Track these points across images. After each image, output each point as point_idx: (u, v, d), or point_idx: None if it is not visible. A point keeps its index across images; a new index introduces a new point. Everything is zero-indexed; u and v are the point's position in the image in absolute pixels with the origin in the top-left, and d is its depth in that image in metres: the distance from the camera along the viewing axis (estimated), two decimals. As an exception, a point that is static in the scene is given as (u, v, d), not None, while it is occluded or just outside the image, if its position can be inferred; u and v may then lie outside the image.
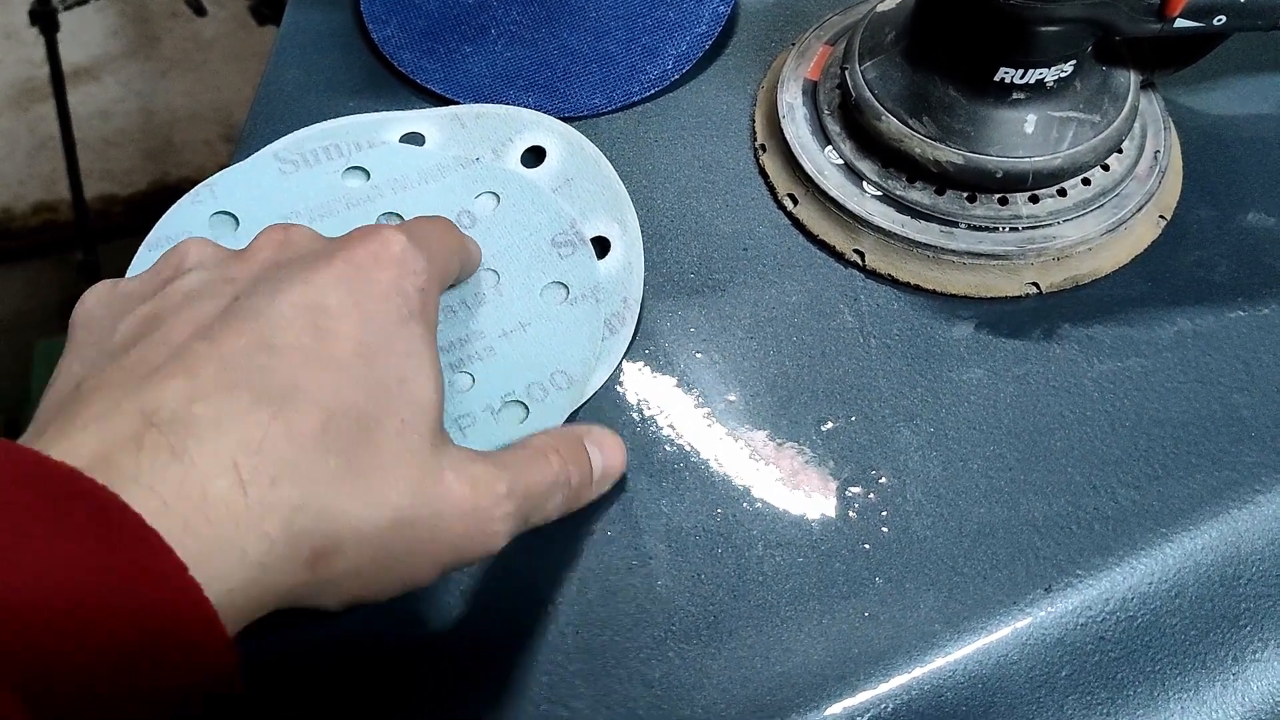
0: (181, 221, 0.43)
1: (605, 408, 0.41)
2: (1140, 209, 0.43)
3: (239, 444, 0.26)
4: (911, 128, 0.42)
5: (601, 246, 0.43)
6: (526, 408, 0.39)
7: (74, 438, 0.26)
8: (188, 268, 0.33)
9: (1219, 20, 0.40)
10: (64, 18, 1.62)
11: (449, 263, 0.35)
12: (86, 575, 0.23)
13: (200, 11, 1.76)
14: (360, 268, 0.31)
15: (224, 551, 0.25)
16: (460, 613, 0.37)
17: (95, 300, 0.33)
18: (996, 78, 0.41)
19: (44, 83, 1.63)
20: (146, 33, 2.09)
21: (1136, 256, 0.43)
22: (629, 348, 0.42)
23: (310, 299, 0.29)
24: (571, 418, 0.40)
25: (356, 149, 0.45)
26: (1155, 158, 0.44)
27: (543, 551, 0.38)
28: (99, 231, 1.63)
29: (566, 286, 0.42)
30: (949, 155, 0.42)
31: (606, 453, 0.36)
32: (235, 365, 0.27)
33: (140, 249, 0.43)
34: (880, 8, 0.46)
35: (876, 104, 0.43)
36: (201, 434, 0.26)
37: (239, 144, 0.48)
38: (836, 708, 0.34)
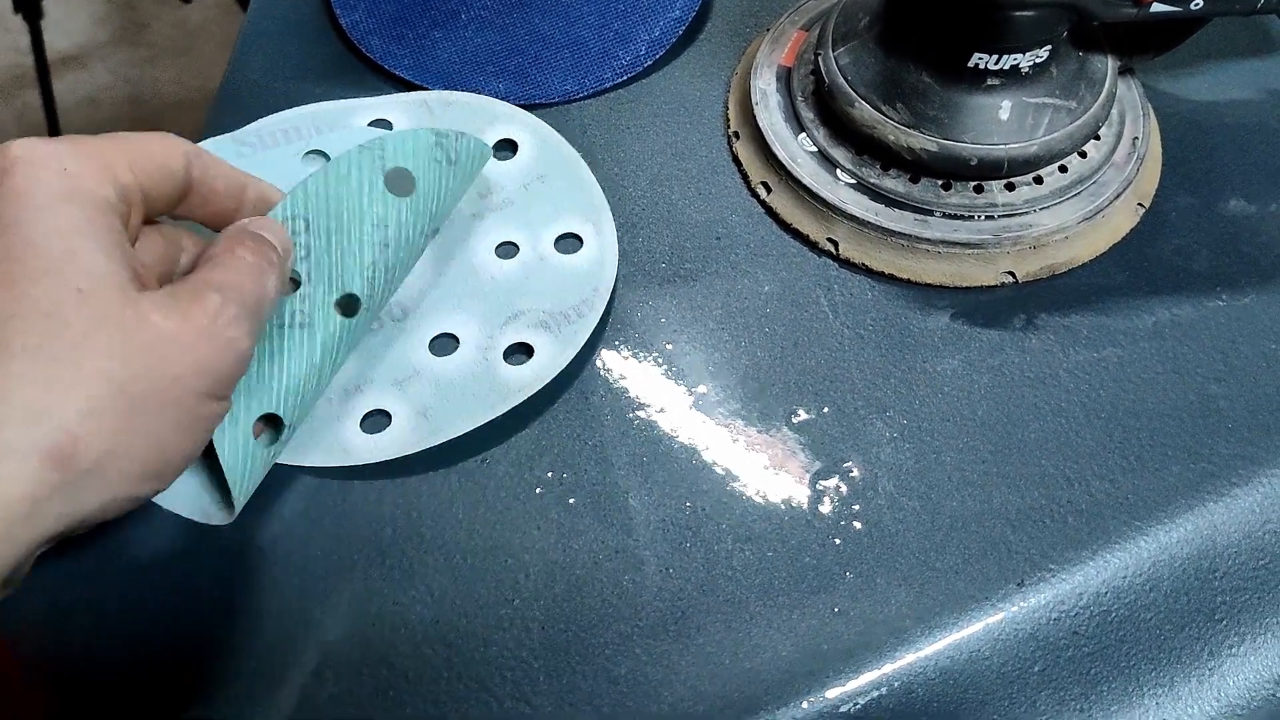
0: None
1: (573, 399, 0.40)
2: (1118, 196, 0.42)
3: None
4: (885, 114, 0.41)
5: (576, 241, 0.43)
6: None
7: None
8: None
9: (1196, 4, 0.39)
10: (49, 4, 1.60)
11: (129, 152, 0.32)
12: None
13: (186, -2, 1.75)
14: None
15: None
16: (422, 609, 0.36)
17: None
18: (971, 64, 0.40)
19: (30, 70, 1.62)
20: (133, 19, 2.07)
21: (1114, 245, 0.43)
22: (600, 337, 0.41)
23: None
24: (532, 403, 0.39)
25: (316, 132, 0.44)
26: (1134, 144, 0.43)
27: (507, 546, 0.37)
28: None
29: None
30: (923, 142, 0.41)
31: (271, 232, 0.35)
32: None
33: None
34: (855, -8, 0.45)
35: (850, 90, 0.42)
36: None
37: (202, 132, 0.47)
38: (805, 704, 0.34)
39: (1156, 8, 0.39)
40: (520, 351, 0.40)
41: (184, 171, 0.34)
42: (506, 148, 0.45)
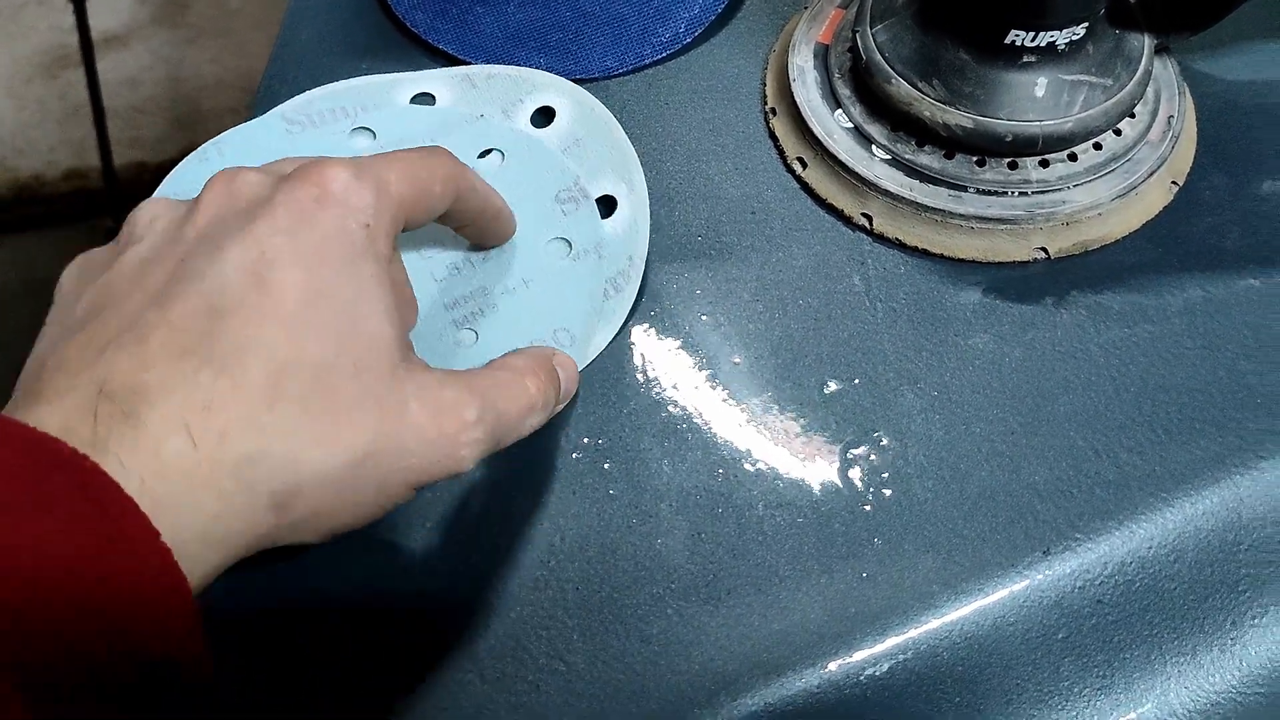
0: (188, 179, 0.44)
1: (610, 368, 0.41)
2: (1152, 174, 0.43)
3: (187, 404, 0.27)
4: (921, 91, 0.42)
5: (608, 206, 0.44)
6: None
7: (37, 413, 0.26)
8: (139, 235, 0.33)
9: (1235, -19, 0.39)
10: (94, -14, 1.63)
11: (410, 194, 0.33)
12: (63, 539, 0.24)
13: (227, -21, 1.77)
14: (301, 212, 0.30)
15: (180, 507, 0.26)
16: (460, 569, 0.37)
17: (67, 275, 0.34)
18: (1007, 40, 0.40)
19: (74, 50, 1.64)
20: (174, 0, 2.10)
21: (1147, 222, 0.43)
22: (635, 309, 0.42)
23: (251, 254, 0.29)
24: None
25: (363, 110, 0.45)
26: (1169, 123, 0.44)
27: (544, 508, 0.38)
28: (129, 198, 1.64)
29: (569, 242, 0.42)
30: (958, 119, 0.41)
31: (566, 374, 0.37)
32: (182, 330, 0.28)
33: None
34: (893, -30, 0.46)
35: (886, 67, 0.43)
36: (152, 399, 0.27)
37: (254, 106, 0.48)
38: (833, 665, 0.35)
39: (1193, -14, 0.39)
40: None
41: (448, 201, 0.35)
42: (546, 115, 0.46)
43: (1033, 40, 0.40)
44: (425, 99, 0.47)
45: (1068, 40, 0.40)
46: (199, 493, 0.26)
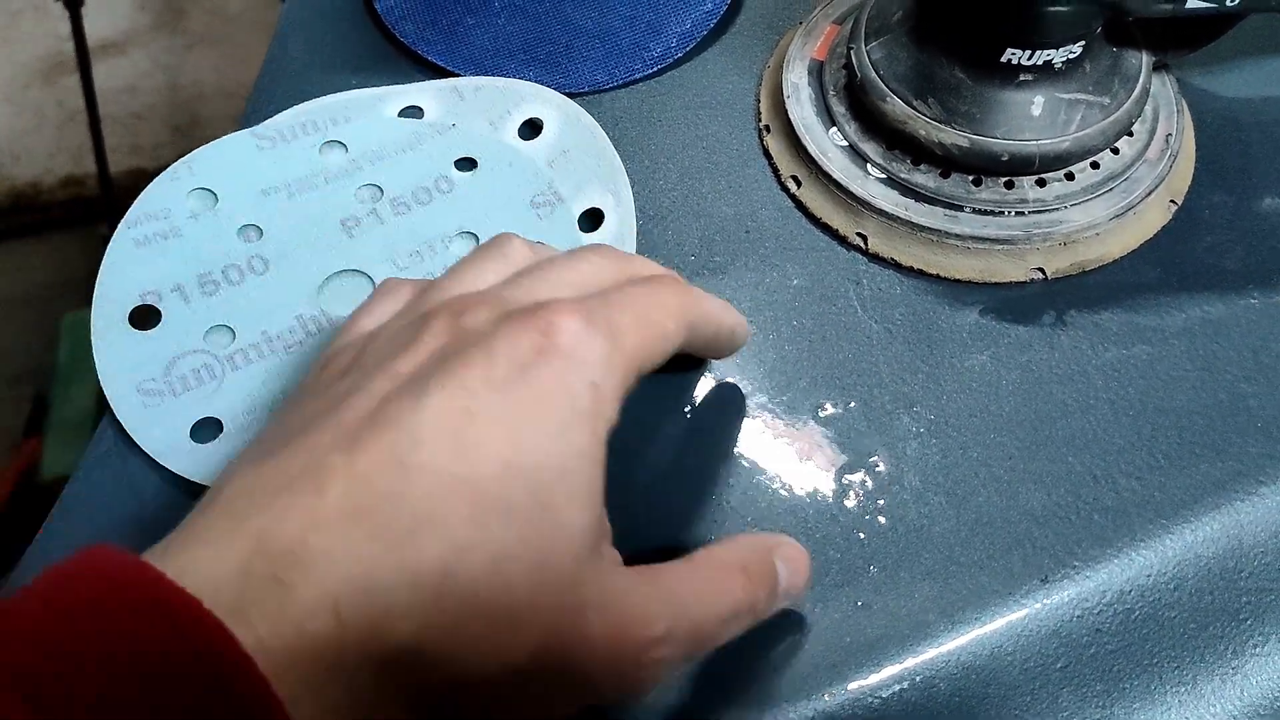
0: (160, 198, 0.43)
1: (601, 390, 0.41)
2: (1150, 193, 0.42)
3: (346, 580, 0.24)
4: (916, 109, 0.42)
5: (595, 218, 0.43)
6: None
7: (193, 556, 0.25)
8: (359, 343, 0.31)
9: (1233, 1, 0.39)
10: (88, -4, 1.63)
11: (644, 343, 0.30)
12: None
13: (225, -14, 1.77)
14: (521, 362, 0.27)
15: (316, 690, 0.24)
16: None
17: (338, 339, 0.33)
18: (1003, 59, 0.40)
19: (71, 56, 1.64)
20: (172, 6, 2.10)
21: (1145, 242, 0.43)
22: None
23: (457, 406, 0.26)
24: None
25: (333, 124, 0.45)
26: (1167, 141, 0.43)
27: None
28: (125, 205, 1.64)
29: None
30: (954, 138, 0.41)
31: (793, 567, 0.32)
32: (363, 487, 0.25)
33: (120, 226, 0.43)
34: (888, -14, 0.45)
35: (881, 85, 0.42)
36: (309, 565, 0.24)
37: (241, 121, 0.47)
38: (827, 696, 0.34)
39: (1192, 4, 0.39)
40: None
41: (681, 338, 0.32)
42: (533, 127, 0.46)
43: (1029, 59, 0.40)
44: (413, 112, 0.47)
45: (1064, 59, 0.40)
46: (337, 679, 0.24)
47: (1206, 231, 0.43)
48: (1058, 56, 0.40)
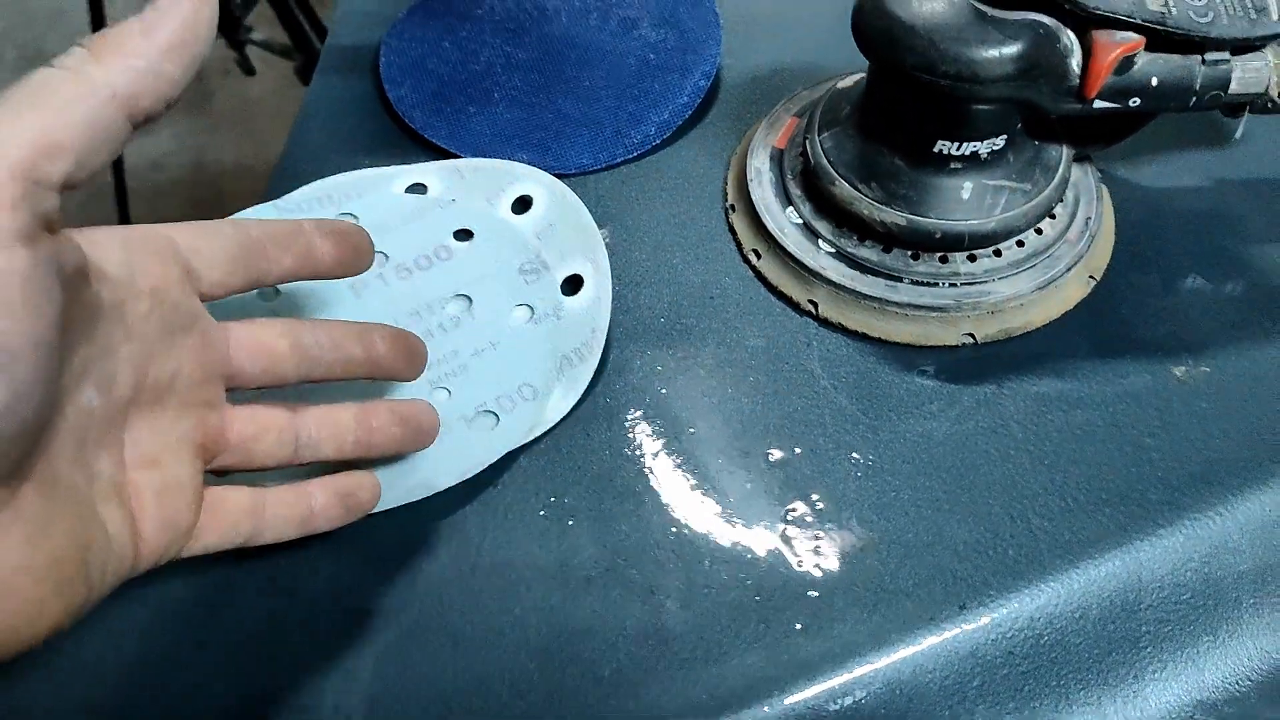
0: None
1: (575, 434, 0.45)
2: (1070, 269, 0.47)
3: None
4: (861, 192, 0.47)
5: (575, 284, 0.49)
6: (497, 416, 0.45)
7: None
8: None
9: (1134, 102, 0.44)
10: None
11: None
12: None
13: (249, 71, 1.85)
14: None
15: None
16: (431, 612, 0.41)
17: None
18: (935, 149, 0.45)
19: (100, 135, 1.72)
20: (200, 89, 2.19)
21: (1066, 313, 0.47)
22: (599, 379, 0.47)
23: None
24: (541, 440, 0.45)
25: (346, 198, 0.50)
26: (1086, 223, 0.48)
27: (512, 560, 0.42)
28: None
29: (531, 308, 0.47)
30: (893, 217, 0.46)
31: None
32: None
33: None
34: (840, 85, 0.51)
35: (831, 170, 0.48)
36: None
37: (265, 195, 0.53)
38: (766, 708, 0.38)
39: (1099, 104, 0.44)
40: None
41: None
42: (524, 203, 0.51)
43: (957, 149, 0.45)
44: (418, 188, 0.52)
45: (989, 150, 0.45)
46: None
47: (1122, 305, 0.48)
48: (983, 148, 0.45)
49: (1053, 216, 0.48)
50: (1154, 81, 0.44)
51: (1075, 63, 0.43)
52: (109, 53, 0.28)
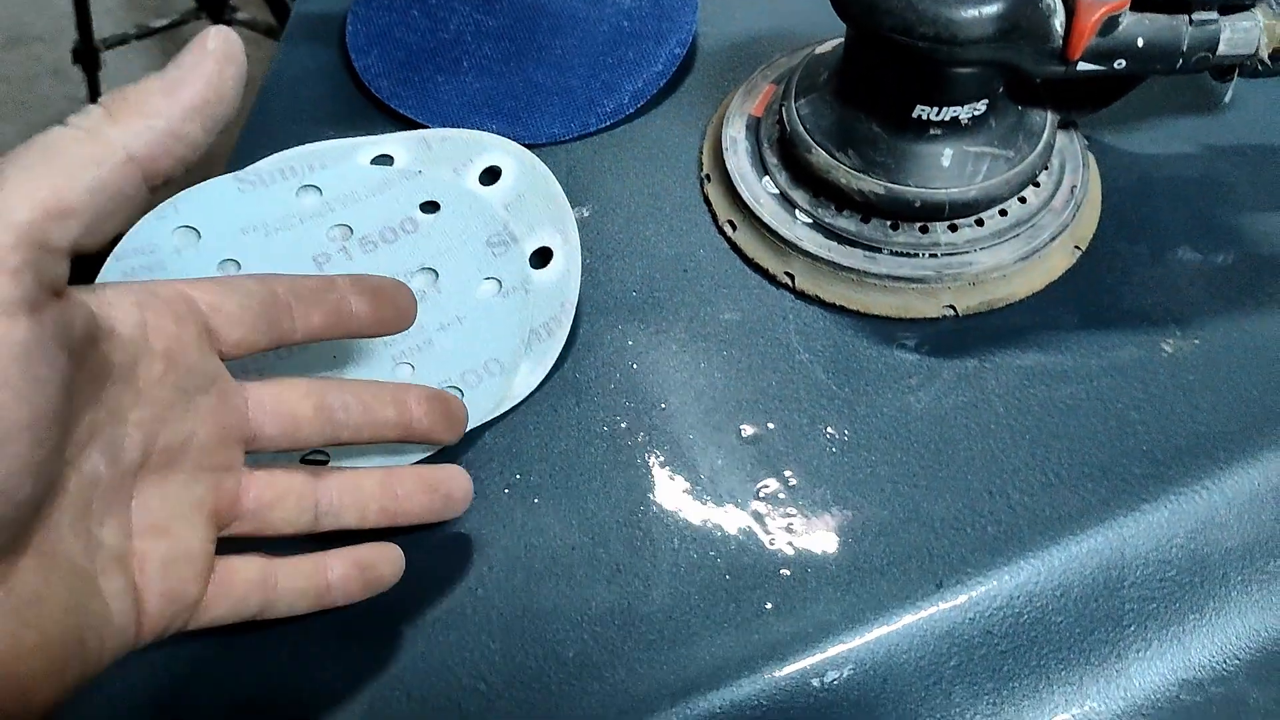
0: (147, 234, 0.47)
1: (543, 409, 0.44)
2: (1054, 239, 0.46)
3: None
4: (838, 160, 0.45)
5: (544, 256, 0.47)
6: (462, 392, 0.43)
7: None
8: None
9: (1119, 64, 0.43)
10: (106, 56, 1.69)
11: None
12: None
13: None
14: None
15: None
16: (391, 592, 0.40)
17: None
18: (914, 115, 0.44)
19: (85, 119, 1.70)
20: (186, 72, 2.17)
21: (1050, 284, 0.46)
22: (568, 354, 0.45)
23: None
24: (506, 416, 0.43)
25: (309, 169, 0.49)
26: (1072, 192, 0.47)
27: (475, 539, 0.41)
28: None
29: (499, 281, 0.46)
30: (872, 186, 0.45)
31: None
32: None
33: (109, 260, 0.47)
34: (818, 50, 0.49)
35: (808, 138, 0.46)
36: None
37: (226, 166, 0.51)
38: (735, 689, 0.37)
39: (1083, 66, 0.43)
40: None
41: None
42: (492, 174, 0.50)
43: (937, 115, 0.43)
44: (385, 160, 0.51)
45: (970, 115, 0.44)
46: None
47: (1108, 275, 0.47)
48: (964, 113, 0.44)
49: (1037, 185, 0.47)
50: (1140, 42, 0.42)
51: (1058, 23, 0.42)
52: (127, 113, 0.27)
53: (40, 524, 0.27)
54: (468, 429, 0.42)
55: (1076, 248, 0.47)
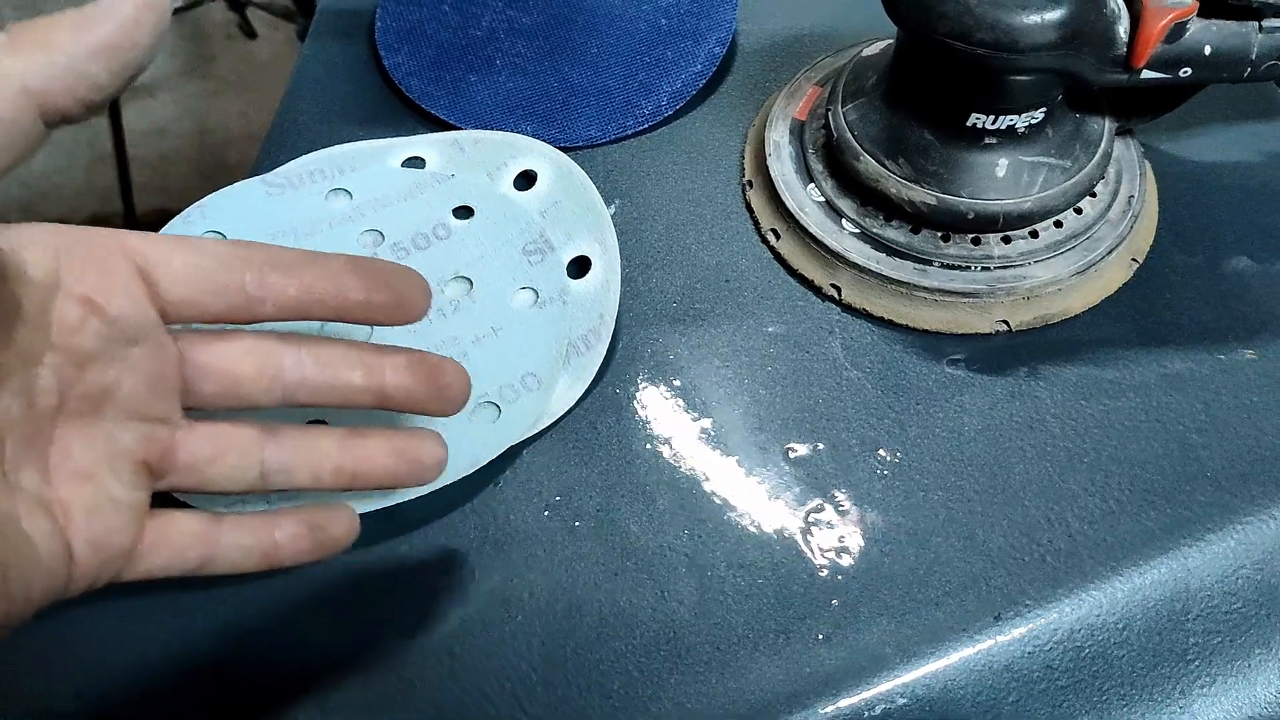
0: None
1: (582, 427, 0.43)
2: (1111, 252, 0.44)
3: None
4: (888, 168, 0.44)
5: (582, 266, 0.46)
6: (499, 408, 0.42)
7: None
8: None
9: (1185, 72, 0.41)
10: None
11: None
12: None
13: (251, 34, 1.81)
14: None
15: None
16: (429, 620, 0.38)
17: None
18: (969, 123, 0.42)
19: (101, 100, 1.69)
20: (202, 53, 2.15)
21: (1107, 298, 0.44)
22: (607, 368, 0.44)
23: None
24: (544, 433, 0.42)
25: (340, 172, 0.47)
26: (1129, 202, 0.45)
27: (514, 564, 0.39)
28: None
29: (536, 291, 0.44)
30: (923, 196, 0.43)
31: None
32: None
33: None
34: (865, 52, 0.48)
35: (856, 144, 0.45)
36: None
37: (253, 168, 0.50)
38: (786, 724, 0.36)
39: (1147, 74, 0.41)
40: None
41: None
42: (528, 179, 0.48)
43: (993, 123, 0.42)
44: (416, 162, 0.49)
45: (1027, 124, 0.42)
46: None
47: (1166, 289, 0.45)
48: (1020, 121, 0.42)
49: (1093, 195, 0.45)
50: (1207, 50, 0.40)
51: (1123, 29, 0.40)
52: (29, 44, 0.26)
53: None
54: (507, 446, 0.41)
55: (1134, 260, 0.45)
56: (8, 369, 0.28)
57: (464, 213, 0.47)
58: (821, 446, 0.42)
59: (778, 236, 0.47)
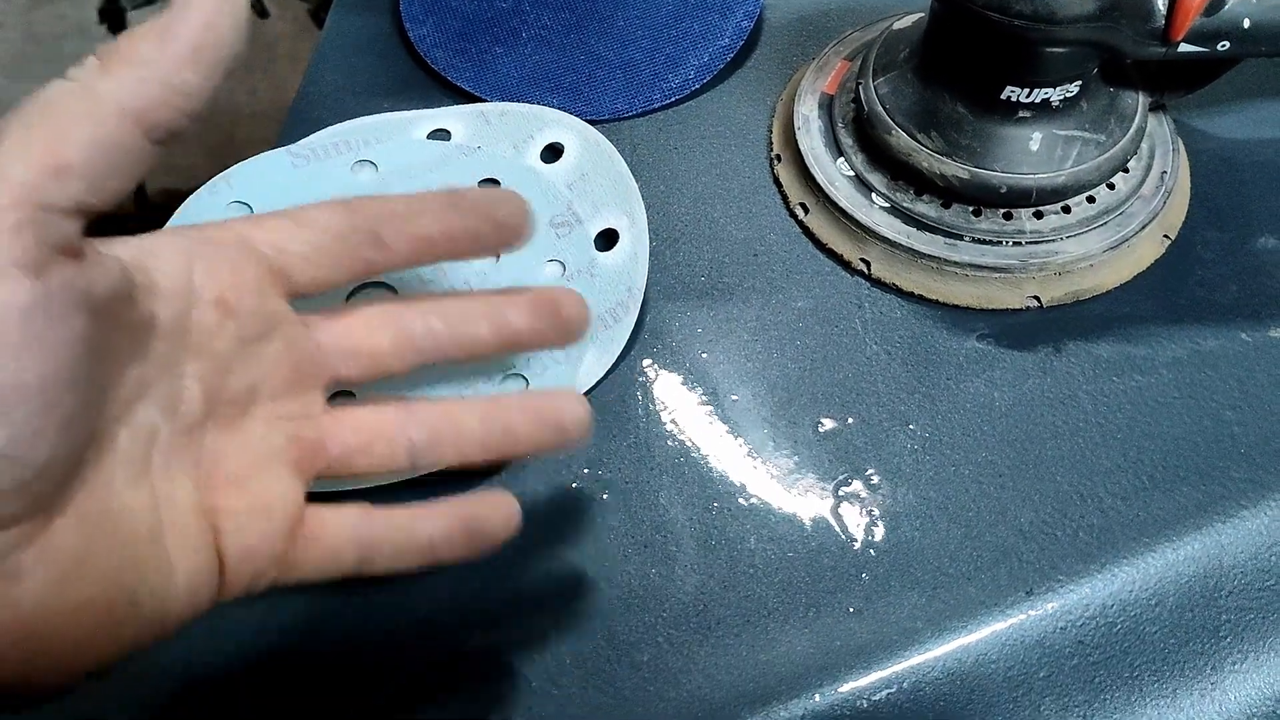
0: (200, 210, 0.46)
1: (610, 401, 0.42)
2: (1144, 228, 0.44)
3: None
4: (920, 142, 0.43)
5: (610, 239, 0.45)
6: (527, 380, 0.41)
7: None
8: None
9: (1223, 46, 0.41)
10: (132, 15, 1.67)
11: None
12: None
13: (263, 14, 1.81)
14: None
15: None
16: (457, 594, 0.38)
17: None
18: (1003, 96, 0.42)
19: (112, 78, 1.68)
20: (212, 32, 2.14)
21: (1139, 274, 0.44)
22: (635, 342, 0.44)
23: None
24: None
25: (365, 144, 0.47)
26: (1162, 178, 0.45)
27: (542, 537, 0.39)
28: (157, 222, 1.67)
29: (563, 264, 0.44)
30: (955, 170, 0.43)
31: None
32: None
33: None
34: (896, 25, 0.47)
35: (887, 118, 0.44)
36: None
37: (278, 140, 0.50)
38: (817, 697, 0.36)
39: (1184, 48, 0.41)
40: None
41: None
42: (554, 151, 0.48)
43: (1027, 96, 0.41)
44: (441, 135, 0.49)
45: (1061, 97, 0.42)
46: None
47: (1199, 266, 0.45)
48: (1055, 95, 0.41)
49: (1126, 170, 0.45)
50: (1246, 23, 0.40)
51: (1161, 2, 0.40)
52: (118, 64, 0.25)
53: (81, 484, 0.26)
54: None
55: (1166, 236, 0.45)
56: (147, 381, 0.27)
57: (490, 185, 0.47)
58: (851, 421, 0.41)
59: (806, 211, 0.47)
